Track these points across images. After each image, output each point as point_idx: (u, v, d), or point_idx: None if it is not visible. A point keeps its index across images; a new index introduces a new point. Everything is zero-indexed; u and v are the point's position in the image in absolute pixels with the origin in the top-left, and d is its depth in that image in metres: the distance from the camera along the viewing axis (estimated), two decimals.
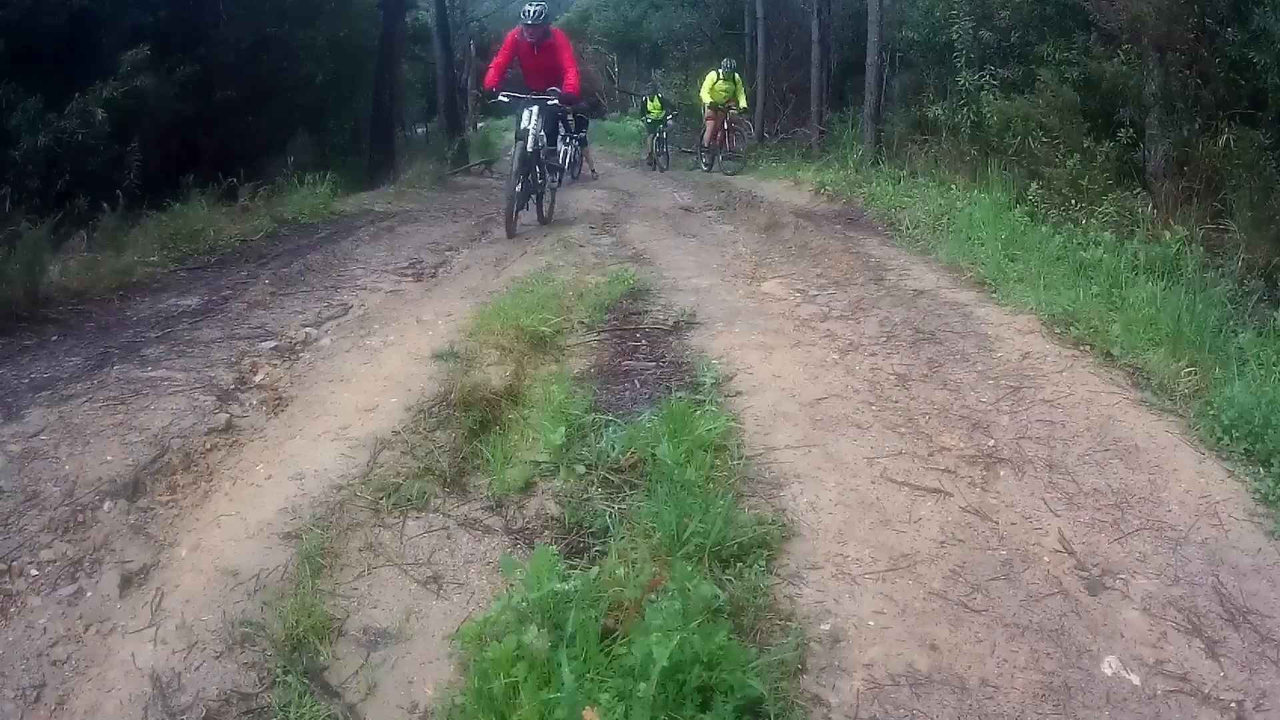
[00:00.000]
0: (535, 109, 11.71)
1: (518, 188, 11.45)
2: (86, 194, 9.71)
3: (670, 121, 26.24)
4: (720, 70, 23.15)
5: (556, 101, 12.05)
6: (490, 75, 12.47)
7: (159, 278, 8.42)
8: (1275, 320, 6.33)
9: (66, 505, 4.01)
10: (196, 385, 5.36)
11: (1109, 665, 3.34)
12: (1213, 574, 3.87)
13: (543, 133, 11.90)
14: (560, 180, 15.54)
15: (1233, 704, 3.17)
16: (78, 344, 6.18)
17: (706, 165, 23.67)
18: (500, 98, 12.33)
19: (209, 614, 3.45)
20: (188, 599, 3.54)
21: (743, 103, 23.29)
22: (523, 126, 11.62)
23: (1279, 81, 8.84)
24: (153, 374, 5.49)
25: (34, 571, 3.64)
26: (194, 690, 3.13)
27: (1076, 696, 3.18)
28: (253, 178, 12.34)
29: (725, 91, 22.97)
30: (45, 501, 4.03)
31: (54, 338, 6.38)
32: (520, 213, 11.90)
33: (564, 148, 22.18)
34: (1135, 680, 3.27)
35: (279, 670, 3.21)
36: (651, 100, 26.28)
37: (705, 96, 23.20)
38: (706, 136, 23.75)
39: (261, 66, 15.42)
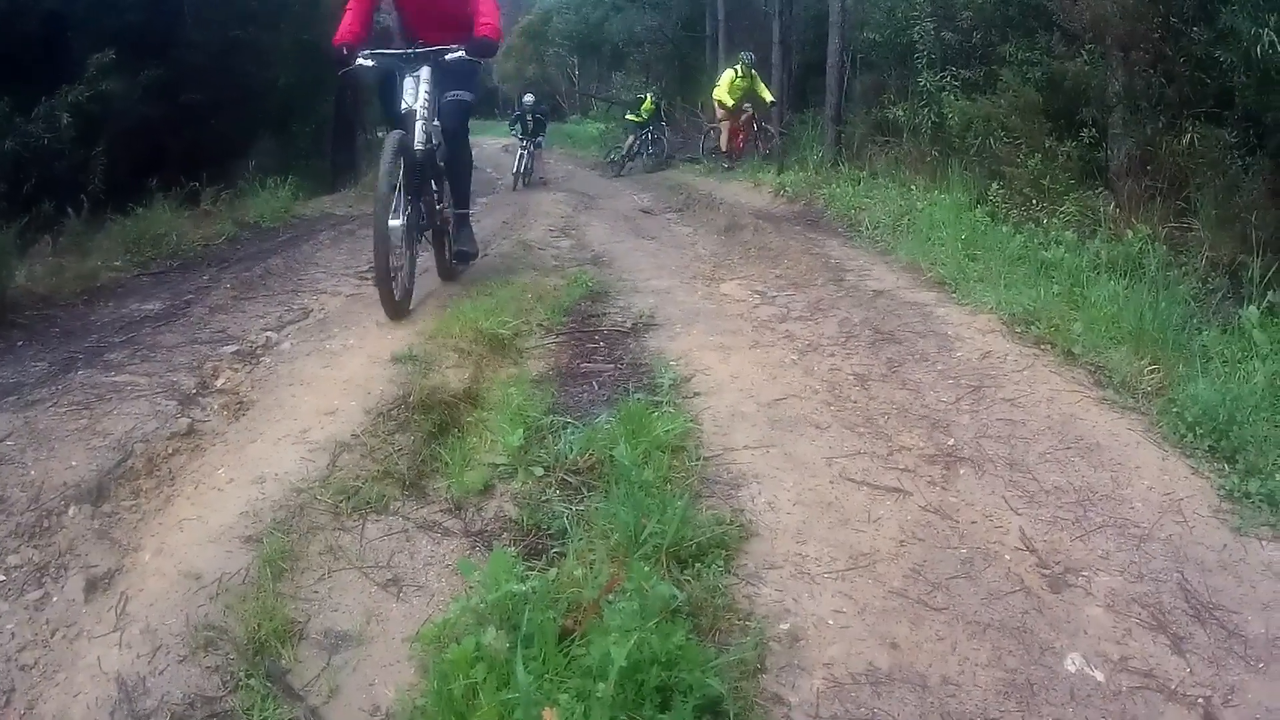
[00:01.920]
0: (425, 73, 7.02)
1: (397, 221, 6.57)
2: (52, 198, 9.73)
3: (664, 124, 25.90)
4: (739, 66, 21.67)
5: (461, 53, 7.07)
6: (346, 24, 7.34)
7: (123, 282, 8.45)
8: (1239, 317, 6.38)
9: (32, 510, 4.01)
10: (159, 390, 5.37)
11: (1073, 662, 3.35)
12: (1177, 570, 3.90)
13: (434, 115, 7.29)
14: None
15: (1200, 700, 3.18)
16: (43, 349, 6.20)
17: (727, 168, 21.43)
18: (360, 61, 7.12)
19: (172, 618, 3.46)
20: (151, 603, 3.55)
21: (768, 96, 21.44)
22: (405, 106, 7.02)
23: (1245, 80, 8.93)
24: (116, 379, 5.50)
25: (1, 577, 3.65)
26: (159, 694, 3.13)
27: (1040, 694, 3.20)
28: (216, 181, 12.38)
29: (743, 90, 21.55)
30: (11, 507, 4.04)
31: (20, 343, 6.39)
32: (407, 259, 7.11)
33: (521, 151, 21.85)
34: (1100, 677, 3.28)
35: (242, 673, 3.22)
36: (647, 100, 25.66)
37: (725, 97, 21.62)
38: (724, 140, 22.06)
39: (227, 70, 15.33)
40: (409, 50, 7.30)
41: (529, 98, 23.93)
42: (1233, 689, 3.24)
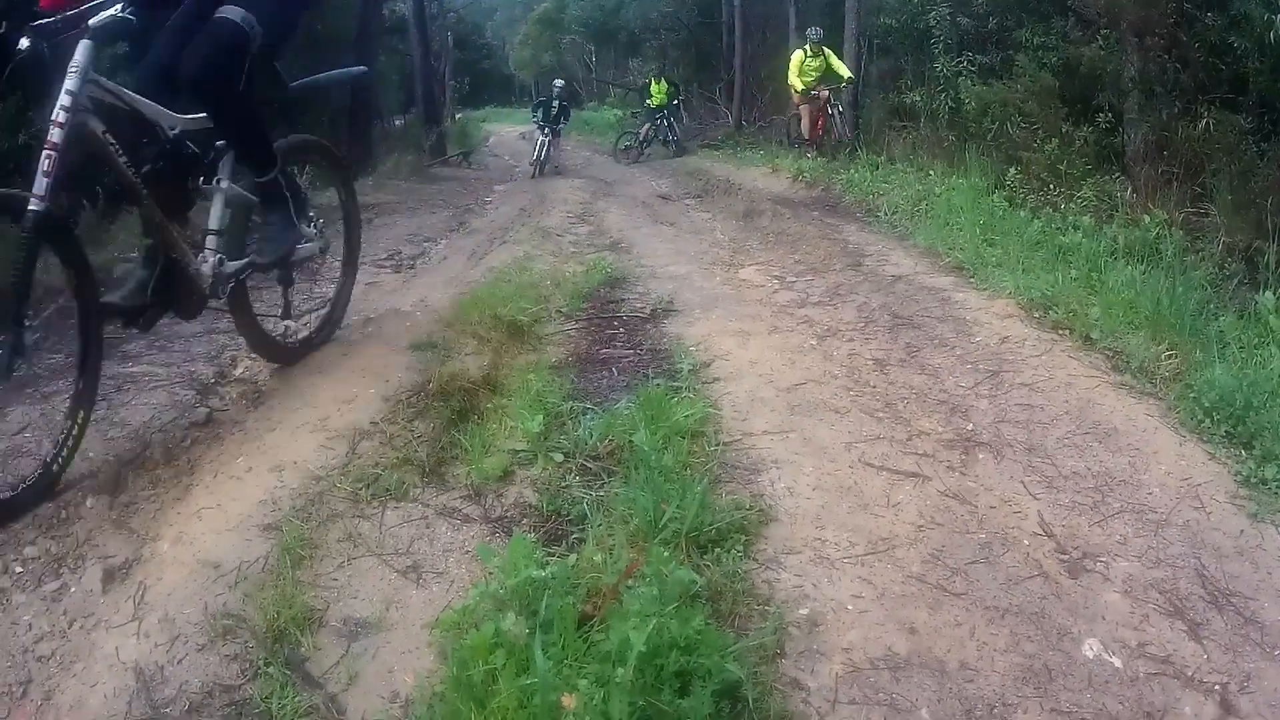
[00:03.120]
0: (78, 58, 4.16)
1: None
2: (67, 191, 9.71)
3: (679, 106, 25.60)
4: (807, 45, 19.44)
5: (114, 10, 4.18)
6: None
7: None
8: (1256, 303, 6.36)
9: (50, 501, 4.02)
10: (177, 380, 5.38)
11: (1090, 648, 3.33)
12: (1195, 556, 3.88)
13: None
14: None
15: (1216, 686, 3.16)
16: (59, 341, 6.20)
17: (810, 158, 18.36)
18: (19, 45, 3.99)
19: (191, 607, 3.45)
20: (170, 592, 3.53)
21: (845, 72, 18.92)
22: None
23: (1260, 66, 8.91)
24: (133, 369, 5.50)
25: (18, 568, 3.64)
26: (177, 683, 3.12)
27: (1058, 679, 3.18)
28: None
29: (816, 70, 19.26)
30: None
31: (36, 335, 6.39)
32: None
33: (540, 138, 21.68)
34: (1117, 663, 3.26)
35: (261, 662, 3.20)
36: (656, 82, 25.44)
37: (796, 81, 19.44)
38: (805, 126, 19.69)
39: None
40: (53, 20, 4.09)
41: (559, 82, 23.66)
42: (1249, 676, 3.22)
